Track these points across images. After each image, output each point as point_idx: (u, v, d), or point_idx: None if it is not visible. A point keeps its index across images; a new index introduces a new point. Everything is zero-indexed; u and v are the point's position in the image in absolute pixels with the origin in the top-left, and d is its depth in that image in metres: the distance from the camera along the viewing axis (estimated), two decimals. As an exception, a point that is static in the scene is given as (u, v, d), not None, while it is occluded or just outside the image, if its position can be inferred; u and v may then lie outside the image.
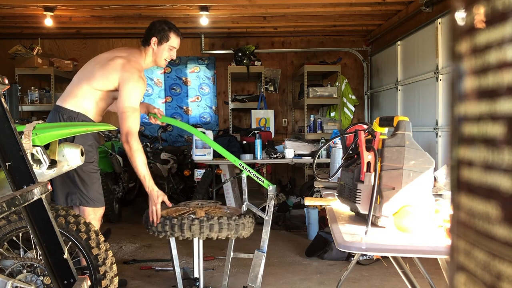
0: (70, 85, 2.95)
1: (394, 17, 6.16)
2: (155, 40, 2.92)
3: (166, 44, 2.95)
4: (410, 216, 1.38)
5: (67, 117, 2.79)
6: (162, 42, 2.94)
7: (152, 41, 2.93)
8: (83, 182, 2.79)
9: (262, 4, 5.60)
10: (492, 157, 0.32)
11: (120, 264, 3.71)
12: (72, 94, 2.86)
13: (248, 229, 2.67)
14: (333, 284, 3.33)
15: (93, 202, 2.83)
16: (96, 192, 2.85)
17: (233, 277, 3.40)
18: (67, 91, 2.91)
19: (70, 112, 2.80)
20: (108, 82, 2.81)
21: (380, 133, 1.54)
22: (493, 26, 0.32)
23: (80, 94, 2.84)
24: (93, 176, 2.85)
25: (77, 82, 2.90)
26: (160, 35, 2.93)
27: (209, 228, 2.51)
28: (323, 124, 6.68)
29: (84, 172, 2.80)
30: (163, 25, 2.97)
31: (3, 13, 5.86)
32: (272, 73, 7.55)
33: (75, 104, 2.82)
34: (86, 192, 2.80)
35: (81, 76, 2.92)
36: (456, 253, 0.37)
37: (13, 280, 1.85)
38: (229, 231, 2.55)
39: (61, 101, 2.88)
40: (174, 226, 2.52)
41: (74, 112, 2.80)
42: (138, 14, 5.96)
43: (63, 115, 2.80)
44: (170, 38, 2.96)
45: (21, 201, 1.38)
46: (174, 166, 6.10)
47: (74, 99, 2.84)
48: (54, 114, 2.85)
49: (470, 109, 0.35)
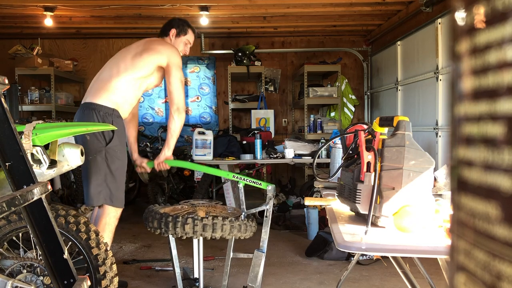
0: (99, 80, 2.95)
1: (394, 17, 6.16)
2: (174, 31, 3.15)
3: (184, 37, 3.18)
4: (410, 216, 1.38)
5: (103, 114, 2.80)
6: (180, 35, 3.17)
7: (171, 32, 3.15)
8: (113, 181, 2.82)
9: (262, 4, 5.60)
10: (492, 157, 0.32)
11: (120, 264, 3.71)
12: (104, 89, 2.87)
13: (250, 231, 2.66)
14: (333, 284, 3.33)
15: (118, 202, 2.86)
16: (122, 192, 2.89)
17: (233, 277, 3.40)
18: (97, 87, 2.90)
19: (105, 109, 2.81)
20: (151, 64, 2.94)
21: (380, 133, 1.54)
22: (493, 26, 0.32)
23: (112, 88, 2.87)
24: (123, 175, 2.90)
25: (107, 77, 2.91)
26: (179, 28, 3.16)
27: (213, 228, 2.49)
28: (323, 124, 6.68)
29: (118, 170, 2.83)
30: (182, 21, 3.23)
31: (3, 13, 5.86)
32: (272, 73, 7.55)
33: (108, 99, 2.84)
34: (114, 191, 2.83)
35: (112, 70, 2.94)
36: (456, 253, 0.37)
37: (13, 280, 1.85)
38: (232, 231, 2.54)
39: (92, 98, 2.87)
40: (168, 224, 2.50)
41: (109, 108, 2.82)
42: (138, 14, 5.96)
43: (99, 112, 2.80)
44: (188, 32, 3.20)
45: (21, 201, 1.38)
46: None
47: (106, 94, 2.85)
48: (88, 111, 2.82)
49: (470, 109, 0.35)
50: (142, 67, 2.93)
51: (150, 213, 2.62)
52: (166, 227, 2.49)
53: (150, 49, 2.97)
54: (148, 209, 2.70)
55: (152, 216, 2.58)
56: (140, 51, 2.98)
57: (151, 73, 2.98)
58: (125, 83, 2.89)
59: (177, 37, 3.15)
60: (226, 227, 2.49)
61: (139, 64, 2.93)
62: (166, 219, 2.50)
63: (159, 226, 2.53)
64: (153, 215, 2.58)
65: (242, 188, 2.80)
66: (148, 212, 2.66)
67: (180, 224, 2.47)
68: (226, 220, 2.50)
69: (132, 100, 2.97)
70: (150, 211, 2.65)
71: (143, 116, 7.63)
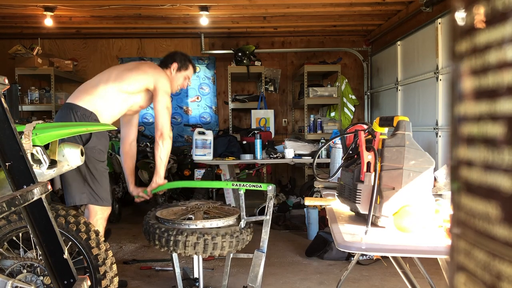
0: (86, 84, 2.99)
1: (394, 17, 6.16)
2: (176, 65, 3.19)
3: (185, 72, 3.22)
4: (410, 216, 1.38)
5: (81, 115, 2.80)
6: (182, 69, 3.20)
7: (173, 66, 3.18)
8: (94, 181, 2.81)
9: (262, 4, 5.60)
10: (492, 157, 0.32)
11: (120, 264, 3.71)
12: (87, 92, 2.89)
13: (246, 242, 2.66)
14: (333, 284, 3.33)
15: (102, 201, 2.85)
16: (105, 191, 2.88)
17: (233, 277, 3.40)
18: (82, 90, 2.94)
19: (84, 110, 2.81)
20: (137, 82, 2.95)
21: (380, 133, 1.54)
22: (493, 26, 0.32)
23: (96, 93, 2.88)
24: (104, 175, 2.88)
25: (95, 83, 2.95)
26: (181, 63, 3.20)
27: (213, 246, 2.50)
28: (323, 124, 6.68)
29: (97, 171, 2.82)
30: (184, 56, 3.27)
31: (3, 13, 5.86)
32: (272, 73, 7.55)
33: (89, 102, 2.85)
34: (96, 191, 2.82)
35: (101, 78, 2.97)
36: (456, 253, 0.37)
37: (13, 280, 1.85)
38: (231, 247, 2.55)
39: (73, 99, 2.89)
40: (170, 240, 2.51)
41: (87, 111, 2.82)
42: (138, 14, 5.96)
43: (76, 112, 2.80)
44: (189, 68, 3.25)
45: (21, 201, 1.38)
46: (174, 166, 6.10)
47: (88, 97, 2.86)
48: (66, 111, 2.83)
49: (470, 109, 0.35)
50: (129, 83, 2.94)
51: (150, 227, 2.61)
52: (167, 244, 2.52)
53: (140, 69, 3.01)
54: (147, 223, 2.67)
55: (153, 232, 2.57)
56: (131, 68, 3.03)
57: (137, 92, 2.97)
58: (110, 92, 2.90)
59: (178, 72, 3.19)
60: (226, 244, 2.50)
61: (127, 79, 2.94)
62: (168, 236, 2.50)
63: (160, 244, 2.54)
64: (153, 231, 2.56)
65: (243, 194, 2.76)
66: (146, 225, 2.65)
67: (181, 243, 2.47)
68: (225, 237, 2.50)
69: (113, 111, 2.94)
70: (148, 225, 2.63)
71: (143, 116, 7.63)
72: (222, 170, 5.26)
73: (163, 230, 2.52)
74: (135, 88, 2.95)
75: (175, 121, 7.59)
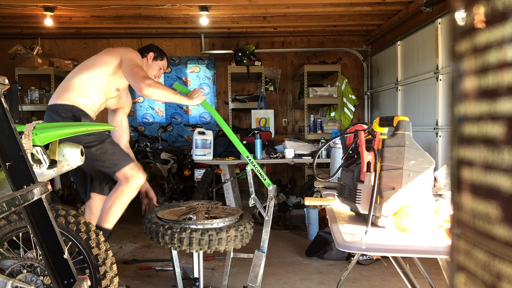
0: (62, 83, 3.07)
1: (394, 17, 6.16)
2: (152, 54, 3.32)
3: (160, 62, 3.35)
4: (410, 216, 1.38)
5: (62, 111, 2.85)
6: (158, 59, 3.34)
7: (149, 55, 3.32)
8: (105, 156, 2.87)
9: (262, 4, 5.60)
10: (492, 157, 0.32)
11: (120, 264, 3.71)
12: (63, 89, 2.97)
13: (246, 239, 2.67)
14: (333, 284, 3.33)
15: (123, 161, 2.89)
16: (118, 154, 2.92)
17: (233, 277, 3.40)
18: (58, 89, 3.02)
19: (63, 106, 2.87)
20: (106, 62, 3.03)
21: (380, 133, 1.54)
22: (493, 26, 0.32)
23: (71, 87, 2.96)
24: (107, 152, 2.90)
25: (69, 78, 3.03)
26: (157, 53, 3.34)
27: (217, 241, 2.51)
28: (323, 124, 6.68)
29: (96, 153, 2.86)
30: (160, 49, 3.40)
31: (3, 13, 5.86)
32: (272, 73, 7.55)
33: (67, 98, 2.91)
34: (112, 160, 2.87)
35: (74, 72, 3.07)
36: (456, 253, 0.37)
37: (13, 280, 1.85)
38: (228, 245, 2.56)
39: (54, 99, 2.95)
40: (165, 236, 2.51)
41: (67, 105, 2.88)
42: (138, 14, 5.96)
43: (60, 113, 2.85)
44: (164, 59, 3.39)
45: (21, 201, 1.38)
46: (174, 166, 6.10)
47: (65, 93, 2.93)
48: (52, 115, 2.88)
49: (470, 109, 0.35)
50: (99, 66, 3.02)
51: (151, 224, 2.61)
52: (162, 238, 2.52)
53: (107, 51, 3.14)
54: (149, 220, 2.67)
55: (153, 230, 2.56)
56: (100, 53, 3.15)
57: (111, 73, 3.02)
58: (85, 80, 2.98)
59: (154, 60, 3.31)
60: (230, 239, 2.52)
61: (97, 63, 3.03)
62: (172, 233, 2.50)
63: (157, 239, 2.54)
64: (154, 228, 2.56)
65: (250, 171, 2.85)
66: (148, 222, 2.65)
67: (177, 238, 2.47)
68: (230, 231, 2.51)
69: (92, 98, 2.99)
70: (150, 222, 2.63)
71: (143, 116, 7.63)
72: (222, 170, 5.26)
73: (166, 227, 2.53)
74: (106, 69, 3.01)
75: (175, 121, 7.59)
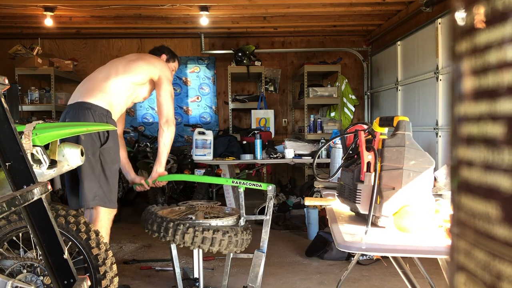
0: (92, 80, 2.91)
1: (394, 17, 6.16)
2: (165, 57, 3.29)
3: (172, 64, 3.32)
4: (410, 216, 1.38)
5: (98, 114, 2.73)
6: (170, 61, 3.31)
7: (162, 57, 3.26)
8: (107, 183, 2.75)
9: (262, 4, 5.60)
10: (492, 157, 0.32)
11: (120, 264, 3.71)
12: (98, 89, 2.81)
13: (245, 244, 2.66)
14: (333, 284, 3.33)
15: (111, 203, 2.79)
16: (115, 194, 2.84)
17: (233, 277, 3.40)
18: (91, 87, 2.84)
19: (101, 109, 2.75)
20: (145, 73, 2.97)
21: (380, 133, 1.54)
22: (493, 26, 0.32)
23: (107, 89, 2.83)
24: (116, 177, 2.85)
25: (104, 78, 2.88)
26: (169, 55, 3.32)
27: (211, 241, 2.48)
28: (323, 124, 6.68)
29: (111, 172, 2.77)
30: (171, 51, 3.40)
31: (3, 13, 5.86)
32: (272, 73, 7.55)
33: (103, 99, 2.78)
34: (108, 193, 2.76)
35: (109, 72, 2.92)
36: (456, 253, 0.37)
37: (13, 280, 1.85)
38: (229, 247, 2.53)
39: (86, 97, 2.78)
40: (168, 230, 2.49)
41: (104, 110, 2.77)
42: (138, 14, 5.96)
43: (95, 112, 2.73)
44: (176, 61, 3.38)
45: (21, 201, 1.38)
46: (174, 166, 6.10)
47: (101, 94, 2.79)
48: (83, 111, 2.72)
49: (470, 109, 0.35)
50: (136, 73, 2.93)
51: (150, 215, 2.61)
52: (165, 232, 2.48)
53: (144, 60, 3.03)
54: (147, 210, 2.69)
55: (152, 219, 2.56)
56: (135, 59, 3.03)
57: (144, 83, 2.99)
58: (121, 85, 2.87)
59: (166, 62, 3.26)
60: (224, 242, 2.49)
61: (134, 70, 2.93)
62: (167, 224, 2.48)
63: (158, 230, 2.52)
64: (153, 217, 2.56)
65: (242, 192, 2.76)
66: (147, 214, 2.65)
67: (180, 232, 2.45)
68: (225, 235, 2.49)
69: (122, 105, 2.92)
70: (149, 213, 2.64)
71: (143, 116, 7.63)
72: (222, 170, 5.26)
73: (162, 217, 2.52)
74: (142, 79, 2.96)
75: (175, 121, 7.58)
